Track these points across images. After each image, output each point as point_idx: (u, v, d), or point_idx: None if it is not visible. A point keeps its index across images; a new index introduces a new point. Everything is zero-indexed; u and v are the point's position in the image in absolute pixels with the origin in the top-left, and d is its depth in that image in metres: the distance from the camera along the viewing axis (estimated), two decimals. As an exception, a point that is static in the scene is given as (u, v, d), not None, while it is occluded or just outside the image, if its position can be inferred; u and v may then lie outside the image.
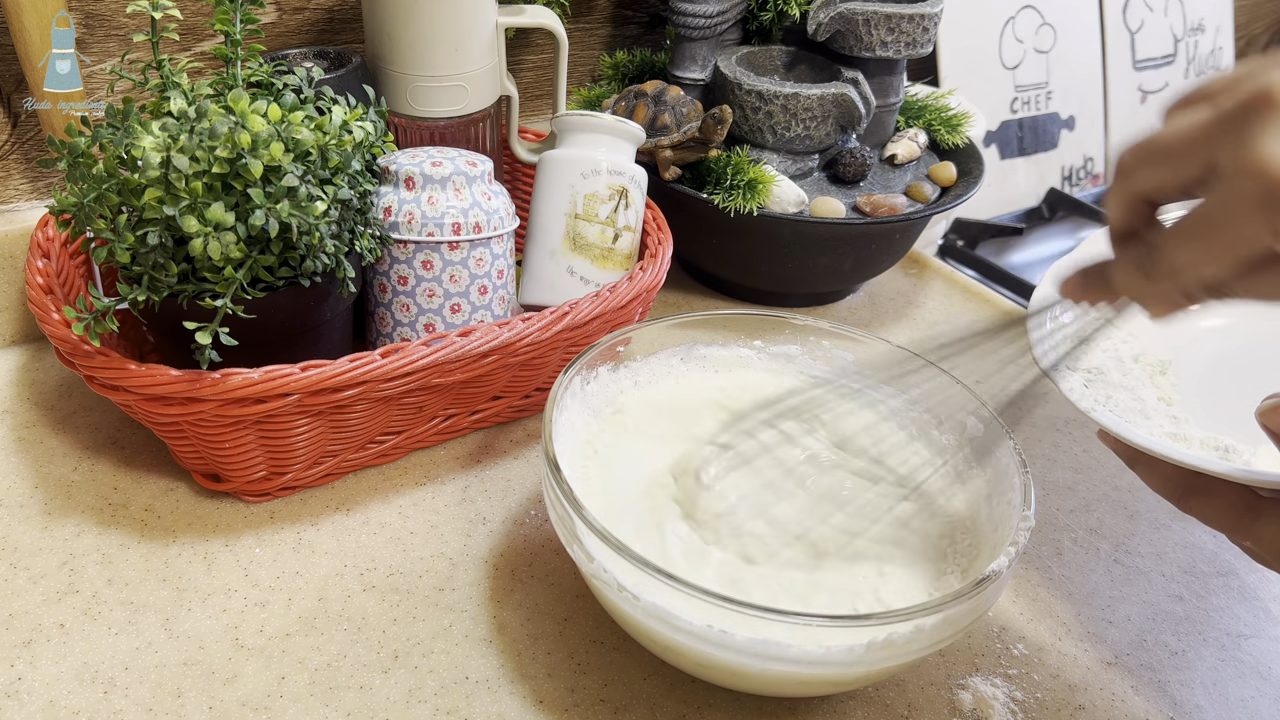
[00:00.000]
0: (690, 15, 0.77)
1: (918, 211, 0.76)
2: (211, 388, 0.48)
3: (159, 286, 0.50)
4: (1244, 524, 0.43)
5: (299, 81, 0.58)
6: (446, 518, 0.58)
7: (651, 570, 0.41)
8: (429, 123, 0.67)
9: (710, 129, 0.72)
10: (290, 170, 0.49)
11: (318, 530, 0.56)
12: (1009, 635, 0.54)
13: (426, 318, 0.62)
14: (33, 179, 0.69)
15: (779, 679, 0.43)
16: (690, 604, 0.41)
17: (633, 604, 0.42)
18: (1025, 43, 1.12)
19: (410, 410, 0.58)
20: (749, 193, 0.71)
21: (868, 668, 0.42)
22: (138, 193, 0.48)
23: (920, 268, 0.91)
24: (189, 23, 0.68)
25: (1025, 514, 0.46)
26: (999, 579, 0.42)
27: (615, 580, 0.42)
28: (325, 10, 0.73)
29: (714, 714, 0.48)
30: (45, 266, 0.55)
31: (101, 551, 0.53)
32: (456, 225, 0.60)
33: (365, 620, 0.51)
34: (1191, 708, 0.51)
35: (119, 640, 0.48)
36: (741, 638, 0.40)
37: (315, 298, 0.55)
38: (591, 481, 0.52)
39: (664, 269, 0.64)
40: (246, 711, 0.46)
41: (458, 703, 0.47)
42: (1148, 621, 0.56)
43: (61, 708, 0.45)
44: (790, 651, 0.40)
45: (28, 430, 0.61)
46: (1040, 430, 0.71)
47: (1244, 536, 0.43)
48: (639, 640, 0.47)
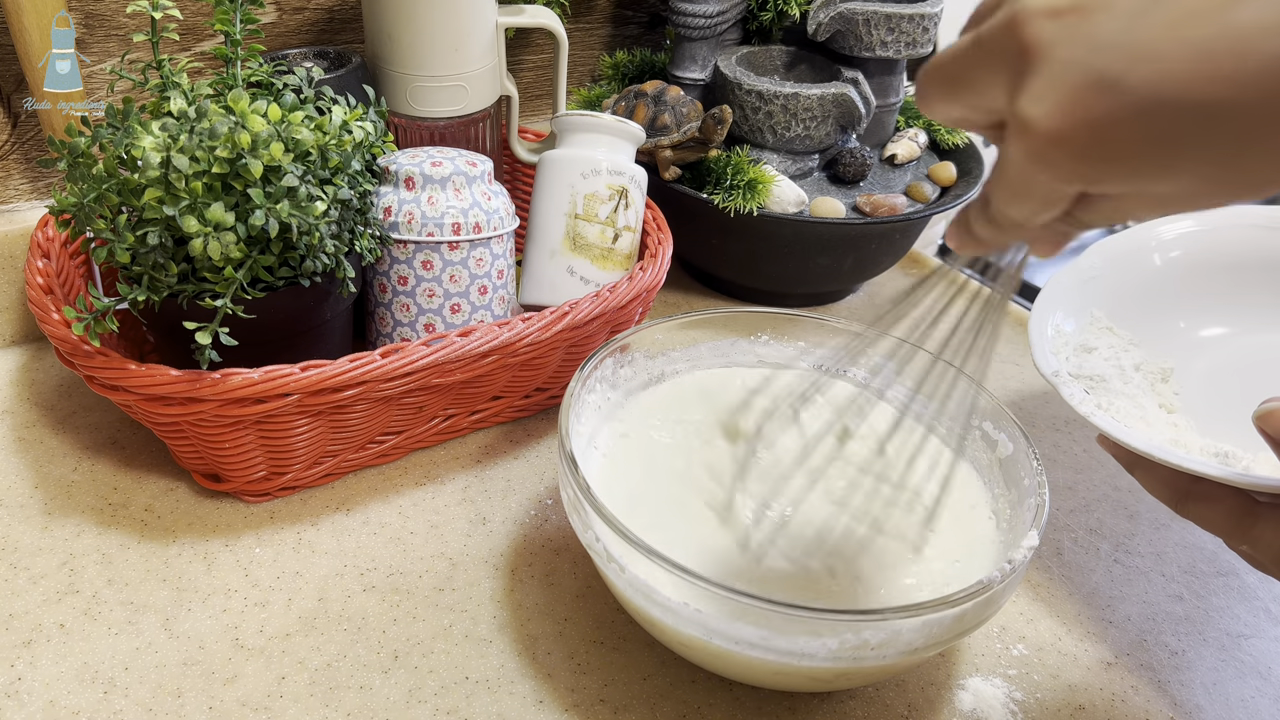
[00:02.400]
0: (690, 15, 0.77)
1: (918, 211, 0.76)
2: (211, 388, 0.48)
3: (159, 286, 0.50)
4: (1242, 529, 0.43)
5: (299, 81, 0.58)
6: (446, 518, 0.58)
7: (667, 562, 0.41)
8: (429, 123, 0.67)
9: (710, 129, 0.71)
10: (290, 170, 0.49)
11: (318, 530, 0.56)
12: (1009, 635, 0.54)
13: (426, 318, 0.62)
14: (33, 179, 0.69)
15: (758, 666, 0.44)
16: (675, 582, 0.42)
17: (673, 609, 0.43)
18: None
19: (410, 410, 0.58)
20: (749, 193, 0.71)
21: (849, 664, 0.42)
22: (138, 193, 0.48)
23: (920, 268, 0.91)
24: (189, 23, 0.68)
25: (1030, 533, 0.45)
26: (988, 591, 0.42)
27: (613, 558, 0.43)
28: (325, 10, 0.73)
29: (714, 714, 0.48)
30: (45, 266, 0.55)
31: (101, 551, 0.53)
32: (456, 225, 0.60)
33: (365, 620, 0.51)
34: (1191, 708, 0.51)
35: (119, 640, 0.48)
36: (716, 615, 0.42)
37: (315, 298, 0.55)
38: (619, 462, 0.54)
39: (664, 269, 0.64)
40: (246, 711, 0.46)
41: (458, 703, 0.47)
42: (1148, 621, 0.56)
43: (61, 708, 0.45)
44: (774, 642, 0.41)
45: (28, 430, 0.61)
46: (1040, 430, 0.71)
47: (1241, 541, 0.43)
48: (646, 625, 0.47)
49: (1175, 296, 0.60)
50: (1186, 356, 0.58)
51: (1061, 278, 0.60)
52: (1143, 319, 0.59)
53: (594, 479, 0.48)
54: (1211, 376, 0.58)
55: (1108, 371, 0.55)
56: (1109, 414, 0.51)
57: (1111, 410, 0.52)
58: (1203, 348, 0.59)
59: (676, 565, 0.41)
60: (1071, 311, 0.59)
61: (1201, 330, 0.60)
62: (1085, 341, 0.58)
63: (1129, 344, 0.58)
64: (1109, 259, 0.60)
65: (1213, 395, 0.56)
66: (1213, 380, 0.57)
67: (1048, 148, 0.27)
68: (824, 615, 0.40)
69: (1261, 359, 0.58)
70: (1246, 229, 0.60)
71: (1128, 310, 0.59)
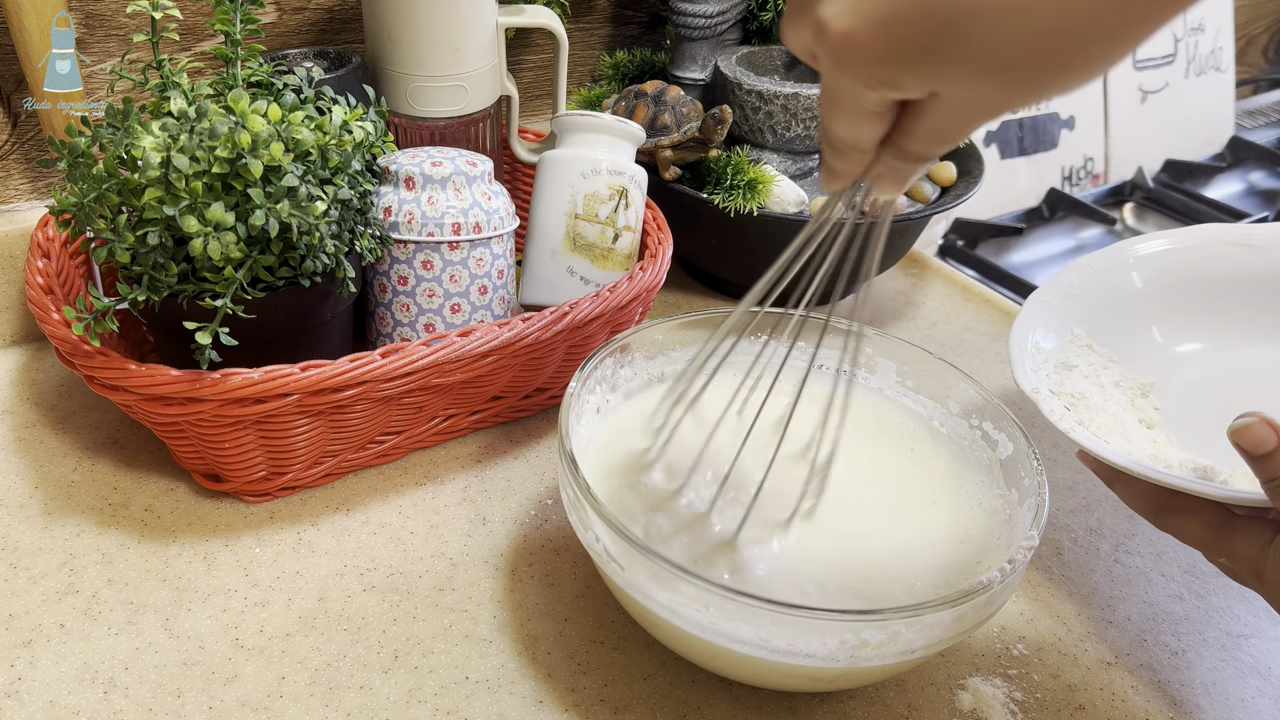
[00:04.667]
0: (690, 15, 0.77)
1: (918, 211, 0.76)
2: (211, 388, 0.48)
3: (159, 286, 0.50)
4: (1219, 541, 0.43)
5: (299, 81, 0.58)
6: (446, 518, 0.58)
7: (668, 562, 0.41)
8: (429, 123, 0.67)
9: (710, 129, 0.71)
10: (290, 170, 0.49)
11: (318, 530, 0.56)
12: (1009, 635, 0.54)
13: (426, 318, 0.62)
14: (33, 179, 0.69)
15: (758, 666, 0.43)
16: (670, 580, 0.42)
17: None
18: (1025, 43, 1.12)
19: (410, 410, 0.58)
20: (749, 193, 0.71)
21: (849, 664, 0.42)
22: (138, 193, 0.48)
23: (920, 268, 0.91)
24: (189, 23, 0.68)
25: (1030, 533, 0.45)
26: (988, 591, 0.42)
27: (605, 550, 0.44)
28: (325, 10, 0.73)
29: (714, 714, 0.48)
30: (45, 266, 0.55)
31: (101, 551, 0.53)
32: (456, 225, 0.60)
33: (365, 620, 0.51)
34: (1191, 708, 0.51)
35: (119, 640, 0.48)
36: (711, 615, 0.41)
37: (315, 298, 0.55)
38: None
39: (664, 269, 0.64)
40: (246, 711, 0.46)
41: (458, 703, 0.47)
42: (1148, 621, 0.56)
43: (61, 708, 0.45)
44: (774, 641, 0.41)
45: (28, 430, 0.61)
46: (1040, 430, 0.71)
47: (1219, 553, 0.43)
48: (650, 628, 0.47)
49: (1153, 313, 0.61)
50: (1165, 372, 0.59)
51: (1042, 295, 0.60)
52: (1122, 336, 0.60)
53: (594, 479, 0.48)
54: (1190, 392, 0.58)
55: (1088, 388, 0.56)
56: (1089, 430, 0.52)
57: (1091, 426, 0.52)
58: (1181, 363, 0.60)
59: (676, 565, 0.41)
60: (1052, 328, 0.59)
61: (1179, 346, 0.60)
62: (1065, 359, 0.58)
63: (1108, 361, 0.59)
64: (1087, 276, 0.61)
65: (1191, 410, 0.56)
66: (1191, 395, 0.58)
67: (843, 49, 0.30)
68: (824, 615, 0.40)
69: (1238, 373, 0.58)
70: (1222, 246, 0.61)
71: (1106, 327, 0.60)
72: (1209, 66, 1.34)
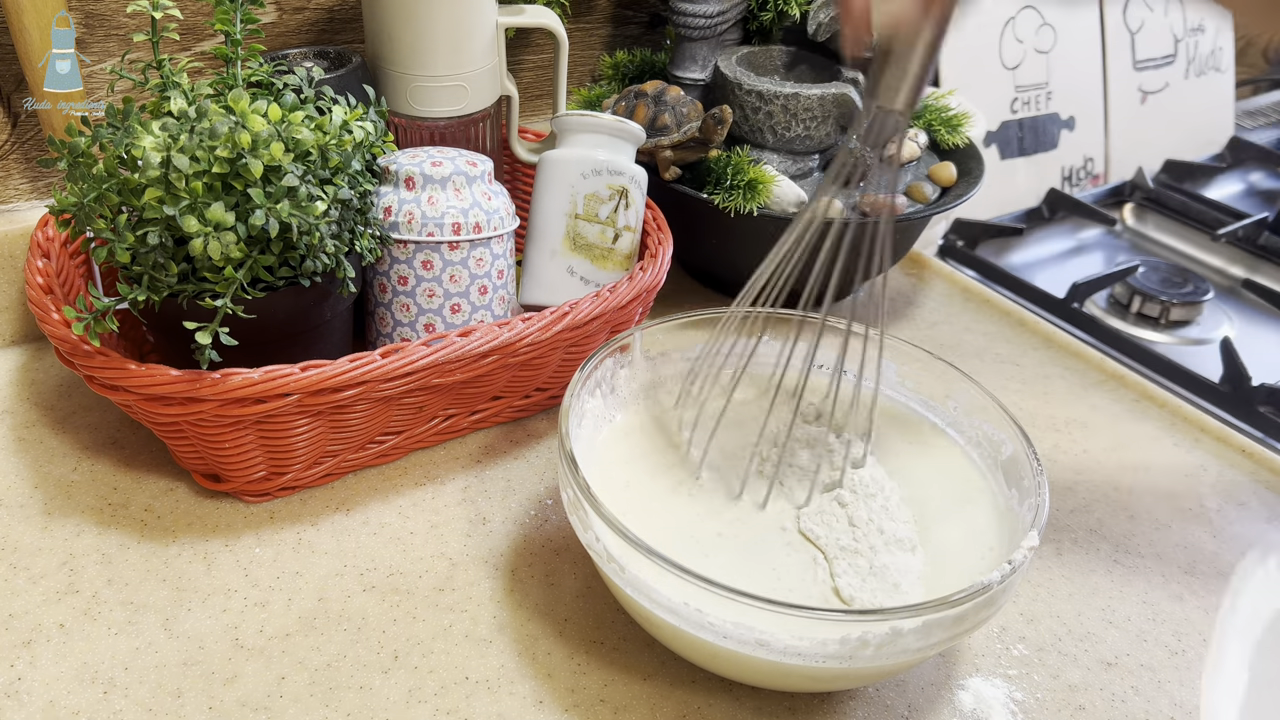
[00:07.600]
0: (690, 15, 0.77)
1: (918, 211, 0.76)
2: (211, 388, 0.48)
3: (159, 286, 0.50)
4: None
5: (299, 81, 0.58)
6: (446, 518, 0.58)
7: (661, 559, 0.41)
8: (429, 123, 0.67)
9: (710, 129, 0.71)
10: (290, 170, 0.49)
11: (318, 530, 0.56)
12: (1009, 635, 0.54)
13: (426, 318, 0.62)
14: (33, 179, 0.69)
15: (758, 666, 0.43)
16: (668, 580, 0.42)
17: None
18: (1025, 43, 1.12)
19: (410, 410, 0.58)
20: (749, 193, 0.71)
21: (849, 664, 0.42)
22: (138, 193, 0.48)
23: (920, 268, 0.91)
24: (189, 23, 0.68)
25: (1031, 533, 0.45)
26: (988, 592, 0.42)
27: (606, 550, 0.44)
28: (325, 10, 0.73)
29: (714, 714, 0.48)
30: (45, 266, 0.55)
31: (101, 551, 0.53)
32: (456, 225, 0.60)
33: (365, 620, 0.51)
34: (1191, 708, 0.51)
35: (119, 640, 0.48)
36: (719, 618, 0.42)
37: (315, 298, 0.55)
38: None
39: (664, 269, 0.64)
40: (246, 711, 0.46)
41: (458, 703, 0.47)
42: (1148, 621, 0.56)
43: (61, 708, 0.45)
44: (772, 639, 0.41)
45: (28, 430, 0.61)
46: (1040, 430, 0.71)
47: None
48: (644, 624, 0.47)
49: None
50: None
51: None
52: None
53: (594, 479, 0.48)
54: None
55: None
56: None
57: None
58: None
59: (677, 565, 0.41)
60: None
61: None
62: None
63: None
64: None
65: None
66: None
67: None
68: (824, 615, 0.40)
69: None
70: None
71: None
72: (1209, 67, 1.34)
